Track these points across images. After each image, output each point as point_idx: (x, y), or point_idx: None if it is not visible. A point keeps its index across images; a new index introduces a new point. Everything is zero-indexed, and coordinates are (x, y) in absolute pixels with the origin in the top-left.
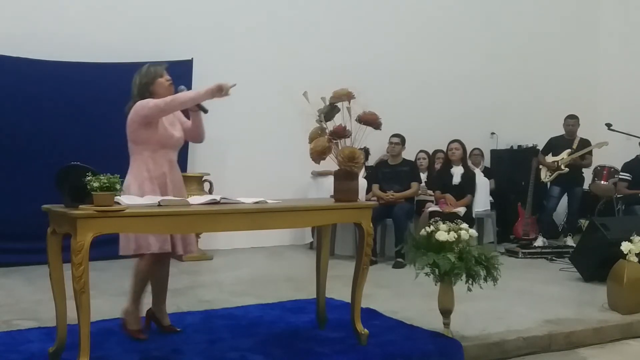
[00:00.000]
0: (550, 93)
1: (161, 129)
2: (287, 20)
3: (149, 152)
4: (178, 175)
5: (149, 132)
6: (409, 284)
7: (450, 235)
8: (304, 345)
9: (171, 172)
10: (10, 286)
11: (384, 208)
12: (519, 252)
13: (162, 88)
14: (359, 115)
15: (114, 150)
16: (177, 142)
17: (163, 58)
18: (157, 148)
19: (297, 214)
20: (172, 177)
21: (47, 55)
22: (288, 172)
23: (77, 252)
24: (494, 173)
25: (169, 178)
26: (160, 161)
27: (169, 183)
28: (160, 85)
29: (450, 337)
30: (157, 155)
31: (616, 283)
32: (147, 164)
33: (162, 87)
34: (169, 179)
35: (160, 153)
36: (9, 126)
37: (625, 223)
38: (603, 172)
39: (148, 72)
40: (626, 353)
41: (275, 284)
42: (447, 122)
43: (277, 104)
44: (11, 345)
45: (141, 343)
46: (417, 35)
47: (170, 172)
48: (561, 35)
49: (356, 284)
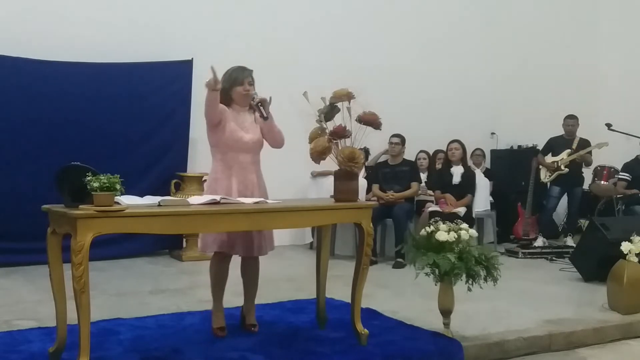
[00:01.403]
0: (550, 93)
1: (227, 132)
2: (287, 20)
3: (220, 155)
4: (251, 177)
5: (217, 135)
6: (409, 284)
7: (450, 235)
8: (304, 345)
9: (240, 174)
10: (10, 286)
11: (384, 208)
12: (519, 252)
13: (239, 96)
14: (359, 115)
15: (114, 150)
16: (247, 145)
17: (163, 58)
18: (226, 150)
19: (297, 214)
20: (242, 178)
21: (47, 55)
22: (288, 172)
23: (77, 252)
24: (494, 173)
25: (236, 179)
26: (230, 163)
27: (234, 185)
28: (237, 93)
29: (450, 337)
30: (227, 157)
31: (616, 283)
32: (217, 166)
33: (239, 95)
34: (238, 180)
35: (229, 155)
36: (9, 126)
37: (625, 223)
38: (603, 172)
39: (230, 77)
40: (626, 353)
41: (275, 284)
42: (447, 122)
43: (277, 104)
44: (11, 345)
45: (141, 343)
46: (417, 35)
47: (240, 173)
48: (561, 35)
49: (356, 284)
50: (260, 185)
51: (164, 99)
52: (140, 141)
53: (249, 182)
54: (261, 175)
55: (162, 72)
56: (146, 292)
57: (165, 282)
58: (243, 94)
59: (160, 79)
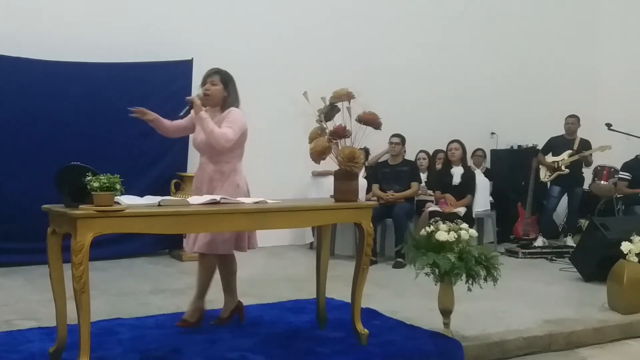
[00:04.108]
0: (550, 93)
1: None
2: (287, 20)
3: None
4: (205, 175)
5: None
6: (409, 284)
7: (450, 235)
8: (304, 345)
9: (201, 174)
10: (10, 286)
11: (384, 208)
12: (519, 252)
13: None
14: (359, 115)
15: (114, 150)
16: (198, 146)
17: (163, 58)
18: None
19: (297, 214)
20: (202, 177)
21: (47, 55)
22: (288, 172)
23: (77, 252)
24: (494, 173)
25: (198, 179)
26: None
27: (195, 183)
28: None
29: (450, 337)
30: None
31: (616, 283)
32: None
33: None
34: (198, 179)
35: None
36: (9, 126)
37: (625, 223)
38: (603, 172)
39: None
40: (626, 353)
41: (275, 284)
42: (447, 122)
43: (277, 104)
44: (11, 345)
45: (141, 343)
46: (417, 35)
47: (201, 173)
48: (561, 35)
49: (356, 284)
50: (227, 186)
51: (164, 99)
52: (140, 141)
53: (205, 180)
54: (230, 176)
55: (162, 72)
56: (146, 292)
57: (165, 282)
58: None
59: (160, 79)
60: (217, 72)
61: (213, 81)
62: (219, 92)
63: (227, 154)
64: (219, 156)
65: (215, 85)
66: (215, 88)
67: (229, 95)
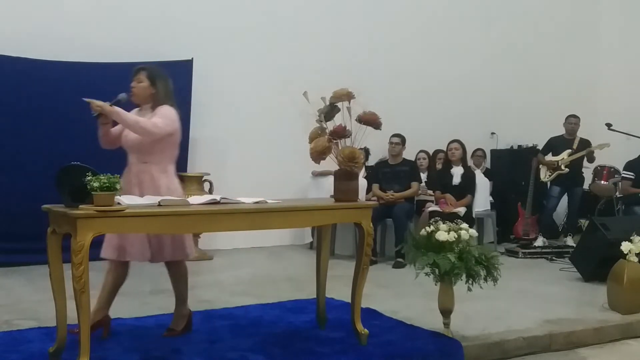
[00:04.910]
0: (550, 93)
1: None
2: (287, 20)
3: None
4: (132, 175)
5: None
6: (409, 284)
7: (450, 235)
8: (304, 345)
9: (128, 174)
10: (10, 286)
11: (384, 208)
12: (519, 252)
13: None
14: (359, 115)
15: (114, 150)
16: (127, 142)
17: (163, 58)
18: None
19: (297, 214)
20: (129, 177)
21: (47, 55)
22: (288, 172)
23: (77, 252)
24: (494, 173)
25: (125, 180)
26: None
27: (123, 184)
28: None
29: (450, 337)
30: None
31: (616, 283)
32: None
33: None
34: (126, 180)
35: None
36: (9, 126)
37: (625, 223)
38: (603, 172)
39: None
40: (626, 353)
41: (275, 284)
42: (447, 122)
43: (277, 104)
44: (11, 345)
45: (141, 343)
46: (418, 35)
47: (128, 174)
48: (561, 35)
49: (356, 284)
50: (156, 188)
51: None
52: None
53: (136, 185)
54: (160, 177)
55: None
56: (146, 292)
57: (165, 282)
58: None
59: None
60: (144, 68)
61: (139, 78)
62: (144, 89)
63: (156, 153)
64: (148, 156)
65: (141, 82)
66: (141, 85)
67: (157, 92)
